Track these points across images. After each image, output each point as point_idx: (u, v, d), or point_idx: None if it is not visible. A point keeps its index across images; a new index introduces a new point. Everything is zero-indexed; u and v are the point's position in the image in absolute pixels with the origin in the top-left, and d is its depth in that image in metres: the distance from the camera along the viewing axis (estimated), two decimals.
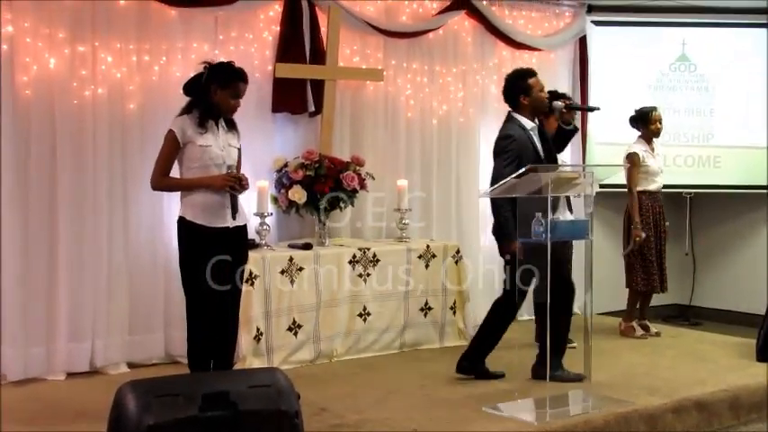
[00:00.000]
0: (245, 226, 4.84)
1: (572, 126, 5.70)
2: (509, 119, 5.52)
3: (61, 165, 5.59)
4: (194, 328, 4.70)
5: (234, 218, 4.67)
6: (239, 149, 4.87)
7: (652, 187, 7.03)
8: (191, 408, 3.39)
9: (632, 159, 6.96)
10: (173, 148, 4.67)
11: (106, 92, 5.73)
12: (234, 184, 4.63)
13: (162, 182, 4.74)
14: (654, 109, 7.10)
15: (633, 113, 7.18)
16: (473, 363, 5.56)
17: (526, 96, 5.47)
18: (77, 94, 5.64)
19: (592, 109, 5.93)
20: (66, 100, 5.60)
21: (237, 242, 4.76)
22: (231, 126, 4.82)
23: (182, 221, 4.71)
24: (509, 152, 5.32)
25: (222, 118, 4.75)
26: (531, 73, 5.56)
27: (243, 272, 4.87)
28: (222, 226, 4.67)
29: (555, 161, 5.59)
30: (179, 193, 4.80)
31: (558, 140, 5.72)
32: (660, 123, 7.08)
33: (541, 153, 5.43)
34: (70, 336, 5.63)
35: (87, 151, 5.67)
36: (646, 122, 7.06)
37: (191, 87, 4.75)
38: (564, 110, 5.63)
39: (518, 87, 5.50)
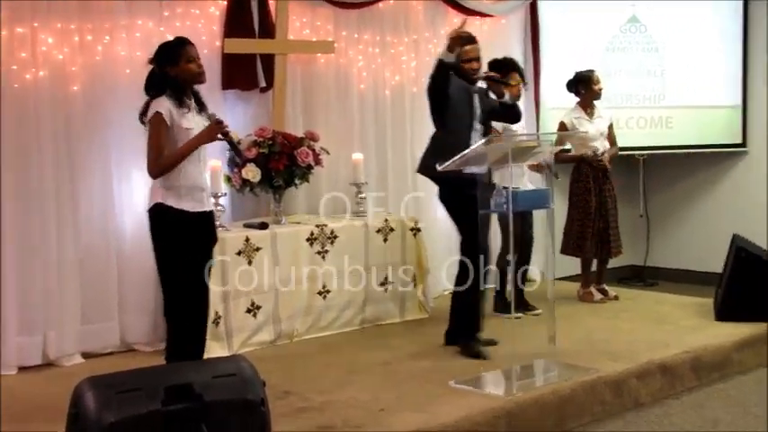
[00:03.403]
0: (213, 210, 4.76)
1: (507, 99, 5.69)
2: None
3: (4, 151, 5.37)
4: (182, 322, 4.53)
5: (243, 164, 4.80)
6: None
7: (586, 153, 6.98)
8: (153, 402, 3.30)
9: (560, 129, 7.01)
10: (163, 130, 4.37)
11: (48, 74, 5.52)
12: (223, 128, 4.46)
13: (159, 165, 4.39)
14: (593, 71, 7.05)
15: (570, 78, 7.13)
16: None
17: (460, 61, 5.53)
18: (18, 77, 5.43)
19: (499, 80, 5.71)
20: (7, 84, 5.38)
21: (211, 226, 4.65)
22: (202, 109, 4.61)
23: (163, 209, 4.42)
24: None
25: (194, 100, 4.57)
26: (462, 40, 5.44)
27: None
28: (201, 210, 4.53)
29: (488, 123, 5.64)
30: (140, 177, 4.61)
31: (502, 113, 5.74)
32: (601, 84, 7.04)
33: (476, 108, 5.49)
34: (20, 328, 5.45)
35: (31, 136, 5.46)
36: (587, 85, 7.01)
37: (151, 85, 4.51)
38: (485, 80, 5.62)
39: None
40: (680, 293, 7.40)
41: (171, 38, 5.58)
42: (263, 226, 5.96)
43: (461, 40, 5.35)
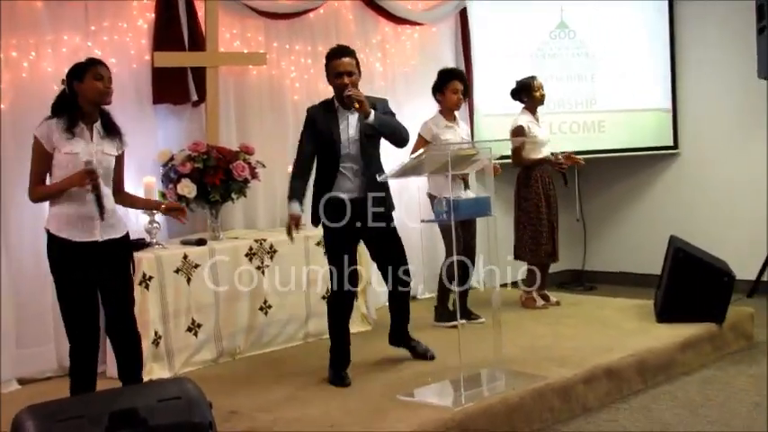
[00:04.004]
0: (120, 238, 4.53)
1: (373, 121, 5.06)
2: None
3: None
4: (73, 346, 4.49)
5: (102, 217, 4.36)
6: (119, 156, 4.58)
7: (538, 157, 7.01)
8: (97, 429, 3.20)
9: (517, 132, 6.93)
10: (40, 156, 4.35)
11: None
12: (93, 179, 4.30)
13: (35, 193, 4.41)
14: (534, 78, 7.08)
15: (514, 86, 7.14)
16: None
17: (329, 79, 5.24)
18: None
19: (352, 99, 5.06)
20: None
21: (111, 256, 4.46)
22: (111, 132, 4.50)
23: (47, 234, 4.41)
24: (305, 128, 5.25)
25: (101, 122, 4.46)
26: (330, 55, 5.20)
27: (127, 285, 4.60)
28: (89, 240, 4.39)
29: (367, 144, 5.17)
30: None
31: (384, 135, 5.22)
32: (543, 90, 7.07)
33: (339, 132, 5.14)
34: None
35: None
36: (529, 92, 7.04)
37: (58, 103, 4.43)
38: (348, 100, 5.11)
39: (326, 70, 5.25)
40: (619, 296, 7.46)
41: (99, 53, 5.51)
42: (201, 242, 5.83)
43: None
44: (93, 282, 4.43)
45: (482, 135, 7.99)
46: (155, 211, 5.63)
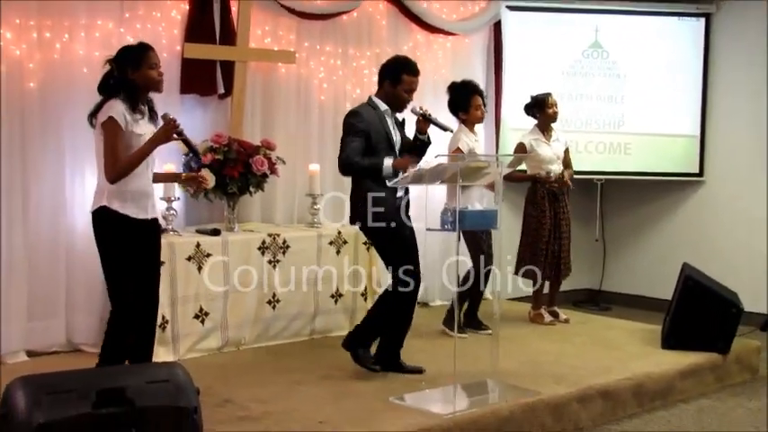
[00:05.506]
0: (157, 218, 4.72)
1: (426, 138, 5.36)
2: (368, 101, 5.40)
3: None
4: (124, 327, 4.52)
5: (198, 158, 4.95)
6: None
7: (539, 173, 7.02)
8: (84, 404, 3.27)
9: (517, 149, 7.01)
10: (117, 134, 4.36)
11: (4, 69, 5.47)
12: (177, 127, 4.45)
13: (117, 169, 4.36)
14: (549, 95, 7.10)
15: (528, 101, 7.18)
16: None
17: (392, 86, 5.30)
18: None
19: (444, 128, 5.44)
20: None
21: (154, 234, 4.64)
22: (153, 115, 4.64)
23: (106, 212, 4.42)
24: (357, 131, 5.19)
25: (147, 108, 4.59)
26: (409, 68, 5.32)
27: (159, 264, 4.77)
28: (144, 218, 4.53)
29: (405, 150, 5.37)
30: (93, 177, 4.57)
31: (412, 149, 5.38)
32: (556, 108, 7.09)
33: (394, 136, 5.30)
34: None
35: None
36: (542, 108, 7.06)
37: (106, 85, 4.50)
38: (420, 117, 5.30)
39: (390, 74, 5.33)
40: (632, 319, 7.46)
41: (131, 40, 5.63)
42: (215, 232, 5.94)
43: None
44: (145, 259, 4.56)
45: (507, 148, 8.01)
46: (171, 198, 5.76)
